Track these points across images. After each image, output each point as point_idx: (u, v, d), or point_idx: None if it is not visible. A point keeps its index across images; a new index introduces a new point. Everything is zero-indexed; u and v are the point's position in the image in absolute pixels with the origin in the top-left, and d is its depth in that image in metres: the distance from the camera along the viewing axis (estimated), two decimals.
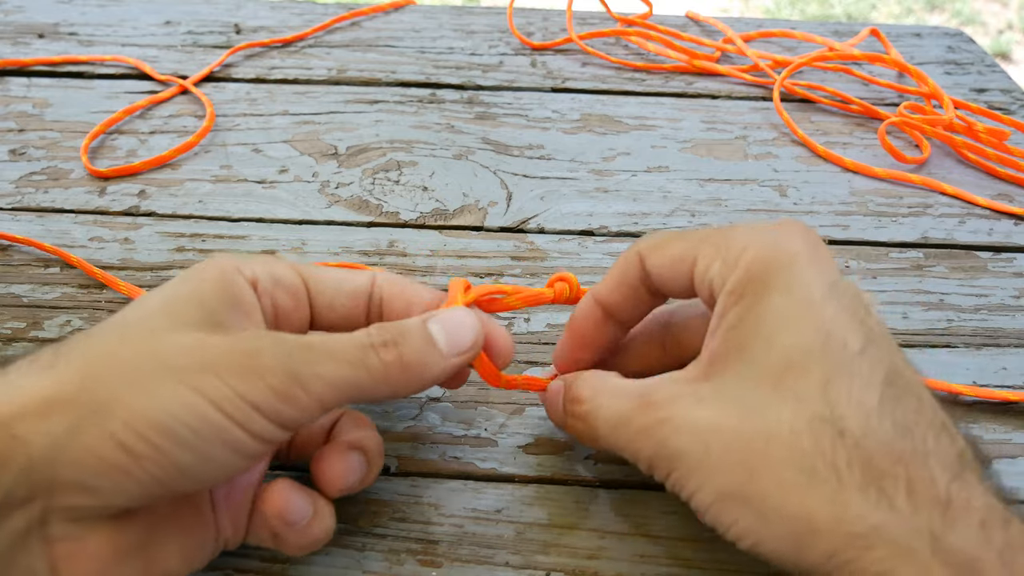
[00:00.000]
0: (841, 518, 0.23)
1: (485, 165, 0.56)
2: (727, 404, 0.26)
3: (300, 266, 0.32)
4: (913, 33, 0.75)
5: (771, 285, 0.27)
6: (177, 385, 0.24)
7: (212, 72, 0.65)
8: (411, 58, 0.68)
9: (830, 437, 0.24)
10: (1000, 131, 0.57)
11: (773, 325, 0.26)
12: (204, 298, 0.28)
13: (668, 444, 0.27)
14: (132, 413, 0.24)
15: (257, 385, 0.25)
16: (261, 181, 0.53)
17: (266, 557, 0.32)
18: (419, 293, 0.33)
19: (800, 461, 0.24)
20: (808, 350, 0.26)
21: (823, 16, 2.56)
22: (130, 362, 0.25)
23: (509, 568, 0.31)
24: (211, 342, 0.26)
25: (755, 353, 0.26)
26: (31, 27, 0.71)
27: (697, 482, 0.26)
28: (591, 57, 0.69)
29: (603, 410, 0.30)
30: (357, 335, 0.28)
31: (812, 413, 0.25)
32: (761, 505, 0.25)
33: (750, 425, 0.25)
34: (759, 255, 0.27)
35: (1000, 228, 0.51)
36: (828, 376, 0.25)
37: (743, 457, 0.25)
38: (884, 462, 0.24)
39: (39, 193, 0.52)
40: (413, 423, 0.37)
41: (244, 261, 0.30)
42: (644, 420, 0.28)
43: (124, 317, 0.27)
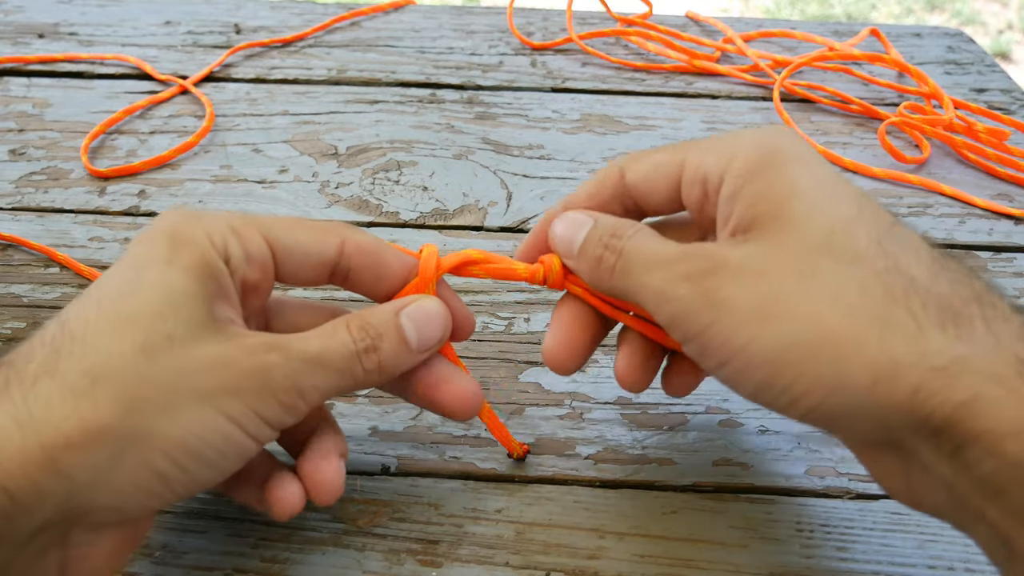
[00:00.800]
0: (924, 352, 0.23)
1: (485, 165, 0.56)
2: (778, 265, 0.26)
3: (267, 230, 0.30)
4: (913, 33, 0.75)
5: (785, 159, 0.27)
6: (205, 409, 0.26)
7: (212, 72, 0.65)
8: (411, 58, 0.69)
9: (902, 285, 0.24)
10: (1000, 131, 0.57)
11: (807, 197, 0.26)
12: (201, 293, 0.27)
13: (719, 289, 0.26)
14: (168, 441, 0.25)
15: (270, 402, 0.27)
16: (261, 181, 0.53)
17: (266, 557, 0.32)
18: (389, 265, 0.32)
19: (875, 309, 0.24)
20: (849, 217, 0.26)
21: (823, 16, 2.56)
22: (162, 387, 0.25)
23: (509, 568, 0.32)
24: (228, 358, 0.26)
25: (794, 219, 0.26)
26: (31, 27, 0.71)
27: (752, 332, 0.25)
28: (591, 57, 0.69)
29: (650, 246, 0.29)
30: (344, 341, 0.29)
31: (876, 268, 0.25)
32: (835, 352, 0.24)
33: (812, 283, 0.25)
34: (758, 139, 0.28)
35: (1000, 228, 0.51)
36: (879, 238, 0.25)
37: (810, 309, 0.24)
38: (956, 302, 0.24)
39: (39, 193, 0.52)
40: (413, 423, 0.37)
41: (215, 230, 0.29)
42: (694, 265, 0.27)
43: (130, 307, 0.26)
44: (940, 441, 0.23)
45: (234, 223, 0.29)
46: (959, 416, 0.22)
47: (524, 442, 0.36)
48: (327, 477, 0.30)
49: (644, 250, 0.29)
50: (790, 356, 0.24)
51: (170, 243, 0.28)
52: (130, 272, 0.27)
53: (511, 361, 0.40)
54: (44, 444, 0.23)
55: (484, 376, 0.39)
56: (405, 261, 0.32)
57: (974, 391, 0.22)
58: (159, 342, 0.26)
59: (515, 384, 0.39)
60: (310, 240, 0.30)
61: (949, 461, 0.23)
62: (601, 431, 0.37)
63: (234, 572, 0.31)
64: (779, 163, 0.27)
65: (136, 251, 0.28)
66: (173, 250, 0.28)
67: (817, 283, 0.25)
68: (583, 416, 0.38)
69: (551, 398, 0.38)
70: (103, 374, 0.25)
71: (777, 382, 0.25)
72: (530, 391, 0.39)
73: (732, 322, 0.25)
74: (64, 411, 0.24)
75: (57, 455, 0.23)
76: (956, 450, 0.23)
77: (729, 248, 0.27)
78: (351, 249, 0.31)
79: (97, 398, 0.24)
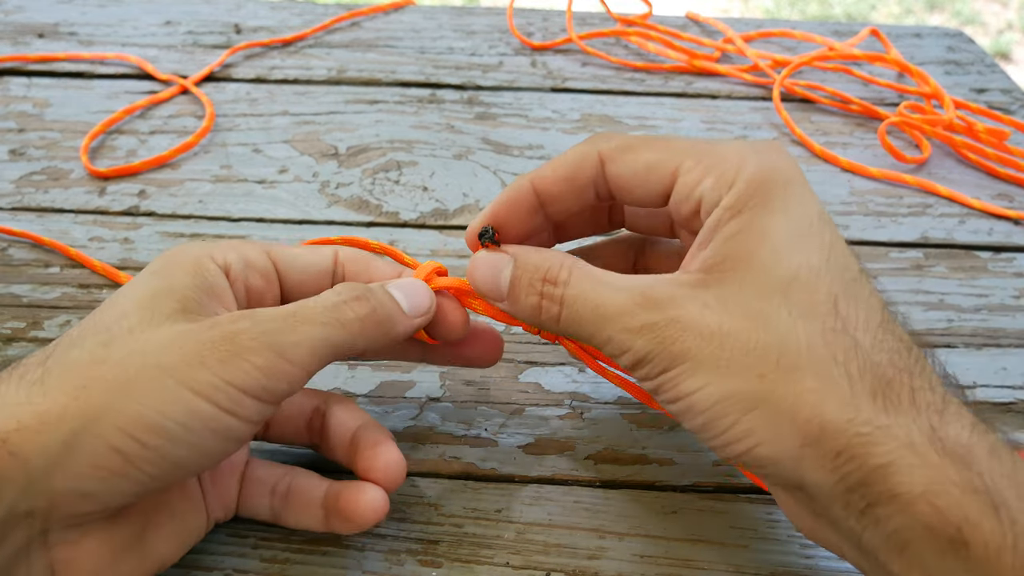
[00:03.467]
0: (852, 420, 0.24)
1: (485, 165, 0.56)
2: (736, 311, 0.26)
3: (269, 246, 0.32)
4: (913, 33, 0.75)
5: (771, 202, 0.27)
6: (165, 382, 0.25)
7: (212, 72, 0.65)
8: (411, 58, 0.68)
9: (844, 347, 0.25)
10: (1000, 131, 0.57)
11: (778, 240, 0.27)
12: (176, 288, 0.28)
13: (675, 343, 0.26)
14: (124, 418, 0.24)
15: (243, 367, 0.26)
16: (261, 181, 0.53)
17: (266, 557, 0.32)
18: (381, 269, 0.33)
19: (816, 368, 0.25)
20: (815, 268, 0.27)
21: (823, 16, 2.56)
22: (116, 366, 0.25)
23: (509, 568, 0.32)
24: (190, 332, 0.26)
25: (761, 265, 0.27)
26: (31, 27, 0.71)
27: (699, 383, 0.26)
28: (591, 57, 0.69)
29: (592, 296, 0.28)
30: (325, 295, 0.29)
31: (826, 325, 0.26)
32: (773, 408, 0.25)
33: (763, 333, 0.26)
34: (758, 172, 0.28)
35: (1000, 228, 0.51)
36: (836, 294, 0.26)
37: (755, 364, 0.26)
38: (890, 371, 0.25)
39: (39, 193, 0.52)
40: (413, 423, 0.37)
41: (214, 247, 0.30)
42: (648, 317, 0.27)
43: (101, 319, 0.27)
44: (852, 498, 0.25)
45: (236, 244, 0.31)
46: (873, 478, 0.24)
47: (524, 441, 0.36)
48: (392, 458, 0.30)
49: (590, 300, 0.28)
50: (729, 407, 0.26)
51: (163, 260, 0.29)
52: (120, 289, 0.29)
53: (511, 361, 0.40)
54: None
55: (484, 376, 0.39)
56: (396, 268, 0.33)
57: (891, 457, 0.24)
58: (120, 334, 0.26)
59: (515, 384, 0.39)
60: (307, 253, 0.32)
61: (859, 517, 0.25)
62: (601, 431, 0.37)
63: (234, 572, 0.31)
64: (766, 204, 0.27)
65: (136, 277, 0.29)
66: (161, 265, 0.29)
67: (767, 333, 0.26)
68: (583, 416, 0.38)
69: (551, 398, 0.38)
70: (58, 365, 0.25)
71: (714, 428, 0.26)
72: (530, 391, 0.39)
73: (685, 370, 0.27)
74: (17, 399, 0.24)
75: (10, 441, 0.23)
76: (867, 507, 0.24)
77: (688, 292, 0.27)
78: (344, 258, 0.33)
79: (48, 384, 0.25)
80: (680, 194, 0.29)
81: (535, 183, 0.31)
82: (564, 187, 0.31)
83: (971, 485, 0.23)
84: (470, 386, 0.39)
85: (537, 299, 0.29)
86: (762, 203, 0.27)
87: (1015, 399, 0.40)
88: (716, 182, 0.28)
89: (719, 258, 0.27)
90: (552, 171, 0.31)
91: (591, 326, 0.28)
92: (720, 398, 0.26)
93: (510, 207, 0.32)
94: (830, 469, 0.25)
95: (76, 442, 0.24)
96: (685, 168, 0.29)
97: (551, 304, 0.29)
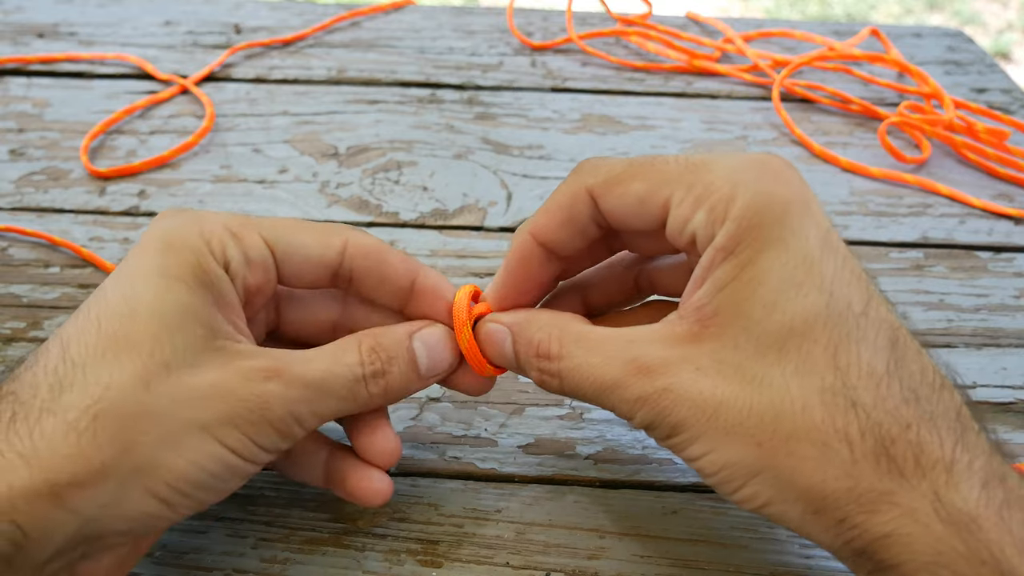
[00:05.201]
0: (853, 489, 0.24)
1: (485, 165, 0.56)
2: (730, 374, 0.26)
3: (267, 231, 0.30)
4: (913, 33, 0.75)
5: (766, 240, 0.26)
6: (204, 440, 0.26)
7: (212, 72, 0.65)
8: (411, 58, 0.68)
9: (843, 409, 0.24)
10: (1000, 131, 0.57)
11: (772, 287, 0.25)
12: (198, 308, 0.27)
13: (670, 414, 0.26)
14: (171, 474, 0.26)
15: (267, 431, 0.27)
16: (261, 181, 0.53)
17: (266, 557, 0.32)
18: (393, 268, 0.31)
19: (813, 435, 0.24)
20: (812, 315, 0.25)
21: (823, 16, 2.56)
22: (162, 422, 0.26)
23: (509, 568, 0.31)
24: (226, 388, 0.27)
25: (754, 318, 0.26)
26: (31, 27, 0.71)
27: (701, 450, 0.26)
28: (591, 57, 0.69)
29: (587, 370, 0.28)
30: (351, 364, 0.29)
31: (823, 385, 0.25)
32: (772, 477, 0.25)
33: (758, 399, 0.25)
34: (751, 206, 0.26)
35: (1000, 228, 0.51)
36: (836, 343, 0.25)
37: (752, 431, 0.25)
38: (894, 429, 0.24)
39: (39, 193, 0.52)
40: (413, 423, 0.37)
41: (212, 234, 0.28)
42: (641, 389, 0.27)
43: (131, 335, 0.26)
44: (860, 561, 0.25)
45: (232, 226, 0.29)
46: (877, 547, 0.24)
47: (524, 441, 0.36)
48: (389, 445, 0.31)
49: (586, 374, 0.28)
50: (734, 473, 0.26)
51: (165, 251, 0.28)
52: (127, 286, 0.27)
53: None
54: (50, 481, 0.24)
55: None
56: (409, 265, 0.31)
57: (892, 526, 0.24)
58: (157, 370, 0.26)
59: (515, 384, 0.39)
60: (311, 241, 0.30)
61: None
62: (601, 431, 0.37)
63: (234, 572, 0.31)
64: (760, 242, 0.26)
65: (132, 261, 0.28)
66: (168, 259, 0.27)
67: (762, 398, 0.25)
68: (583, 416, 0.38)
69: (551, 398, 0.38)
70: (103, 410, 0.25)
71: (725, 489, 0.27)
72: (530, 391, 0.39)
73: (686, 438, 0.27)
74: (68, 449, 0.24)
75: (63, 491, 0.24)
76: (874, 571, 0.25)
77: (680, 352, 0.27)
78: (353, 251, 0.30)
79: (98, 435, 0.25)
80: (674, 228, 0.28)
81: (535, 235, 0.30)
82: (566, 231, 0.30)
83: (978, 556, 0.23)
84: None
85: (538, 375, 0.30)
86: (754, 243, 0.26)
87: (1015, 399, 0.40)
88: (708, 216, 0.27)
89: (712, 310, 0.27)
90: (548, 218, 0.30)
91: (593, 397, 0.29)
92: (724, 465, 0.26)
93: (521, 266, 0.31)
94: (834, 535, 0.25)
95: (126, 494, 0.25)
96: (676, 200, 0.28)
97: (550, 379, 0.30)
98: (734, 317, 0.26)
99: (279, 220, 0.30)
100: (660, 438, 0.28)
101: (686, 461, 0.27)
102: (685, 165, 0.28)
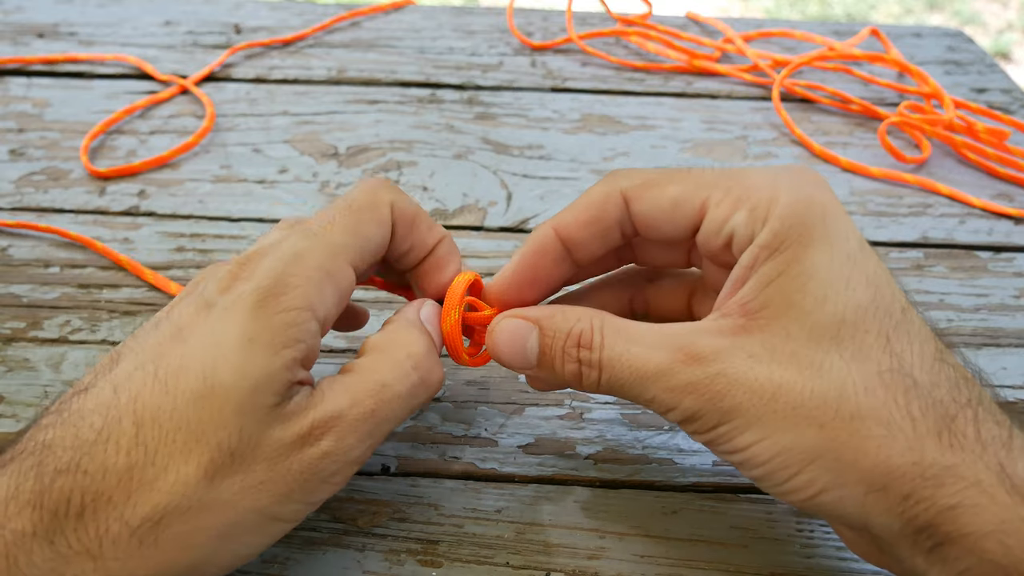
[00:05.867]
0: (918, 462, 0.24)
1: (485, 165, 0.56)
2: (785, 361, 0.26)
3: (354, 253, 0.30)
4: (913, 33, 0.75)
5: (810, 239, 0.26)
6: (263, 523, 0.27)
7: (212, 72, 0.65)
8: (411, 58, 0.68)
9: (903, 389, 0.25)
10: (1000, 131, 0.57)
11: (822, 281, 0.26)
12: (275, 377, 0.26)
13: (724, 400, 0.26)
14: (225, 557, 0.27)
15: (322, 489, 0.28)
16: (261, 181, 0.53)
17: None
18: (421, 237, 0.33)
19: (877, 413, 0.25)
20: (862, 306, 0.26)
21: (823, 16, 2.56)
22: (220, 514, 0.26)
23: (509, 568, 0.31)
24: (283, 470, 0.27)
25: (806, 310, 0.26)
26: (31, 27, 0.71)
27: (755, 437, 0.26)
28: (591, 57, 0.69)
29: (629, 359, 0.28)
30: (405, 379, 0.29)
31: (880, 368, 0.25)
32: (833, 459, 0.25)
33: (818, 382, 0.25)
34: (793, 206, 0.27)
35: (1000, 228, 0.51)
36: (886, 332, 0.26)
37: (813, 414, 0.25)
38: (952, 408, 0.25)
39: (39, 193, 0.52)
40: (413, 423, 0.37)
41: (313, 289, 0.28)
42: (692, 375, 0.26)
43: (203, 423, 0.26)
44: (919, 539, 0.25)
45: (327, 265, 0.28)
46: (942, 520, 0.24)
47: (524, 441, 0.36)
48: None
49: (629, 363, 0.28)
50: (790, 460, 0.26)
51: (259, 315, 0.26)
52: (208, 359, 0.26)
53: None
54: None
55: (484, 376, 0.39)
56: (435, 233, 0.32)
57: (959, 498, 0.24)
58: (223, 461, 0.25)
59: (515, 384, 0.39)
60: (375, 233, 0.31)
61: (926, 556, 0.25)
62: (601, 431, 0.37)
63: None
64: (804, 241, 0.26)
65: (221, 326, 0.26)
66: (259, 323, 0.26)
67: (822, 382, 0.25)
68: (583, 416, 0.38)
69: (551, 398, 0.38)
70: (168, 514, 0.25)
71: (775, 478, 0.26)
72: (530, 391, 0.39)
73: (738, 425, 0.26)
74: (132, 559, 0.25)
75: None
76: (935, 547, 0.24)
77: (731, 341, 0.27)
78: (396, 215, 0.31)
79: (160, 540, 0.25)
80: (710, 229, 0.28)
81: (558, 230, 0.30)
82: (590, 231, 0.30)
83: None
84: (470, 386, 0.39)
85: (576, 366, 0.29)
86: (800, 240, 0.26)
87: (1015, 399, 0.40)
88: (749, 216, 0.27)
89: (760, 303, 0.27)
90: (575, 216, 0.30)
91: (633, 388, 0.28)
92: (779, 451, 0.26)
93: (536, 259, 0.31)
94: (897, 513, 0.25)
95: None
96: (714, 201, 0.28)
97: (590, 370, 0.29)
98: (785, 308, 0.26)
99: (344, 221, 0.30)
100: (703, 429, 0.27)
101: (729, 454, 0.27)
102: (721, 172, 0.29)
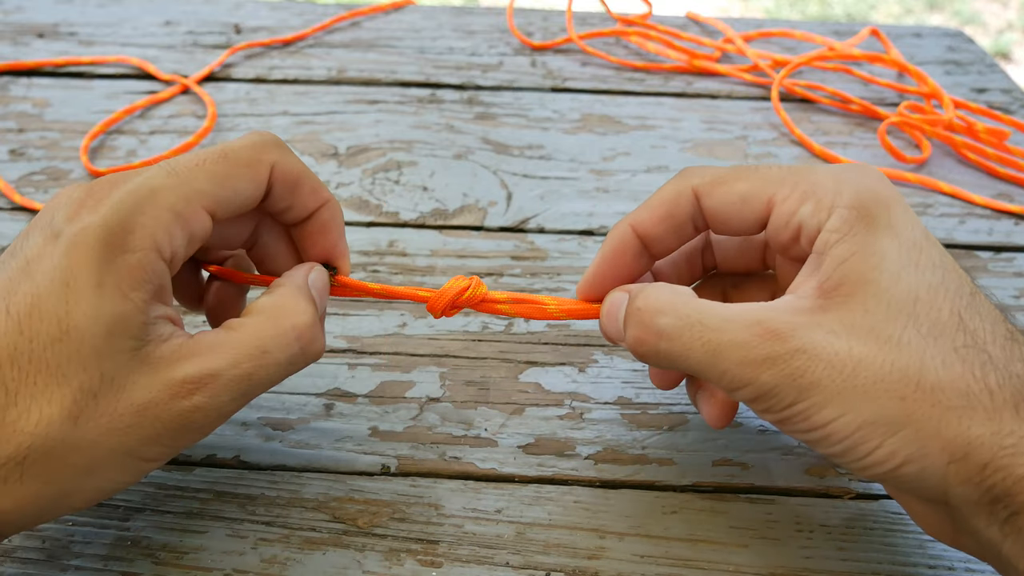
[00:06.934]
0: (997, 432, 0.25)
1: (485, 165, 0.56)
2: (864, 336, 0.26)
3: (209, 198, 0.29)
4: (913, 33, 0.75)
5: (878, 224, 0.28)
6: (128, 462, 0.27)
7: (212, 72, 0.65)
8: (411, 58, 0.68)
9: (980, 362, 0.26)
10: (1000, 131, 0.57)
11: (894, 261, 0.27)
12: (130, 319, 0.26)
13: (804, 375, 0.26)
14: (89, 493, 0.27)
15: (190, 437, 0.28)
16: None
17: (266, 557, 0.32)
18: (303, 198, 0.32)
19: (957, 384, 0.25)
20: (934, 286, 0.27)
21: (823, 16, 2.56)
22: (86, 451, 0.26)
23: (509, 568, 0.31)
24: (152, 411, 0.27)
25: (881, 287, 0.27)
26: (31, 27, 0.71)
27: (835, 412, 0.26)
28: (591, 57, 0.69)
29: (701, 331, 0.28)
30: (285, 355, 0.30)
31: (956, 343, 0.26)
32: (915, 431, 0.25)
33: (898, 355, 0.26)
34: (859, 196, 0.28)
35: (1000, 228, 0.51)
36: (959, 311, 0.27)
37: (895, 386, 0.26)
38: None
39: (39, 193, 0.52)
40: (413, 423, 0.37)
41: (159, 227, 0.27)
42: (771, 349, 0.27)
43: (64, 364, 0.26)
44: (995, 509, 0.25)
45: (179, 207, 0.28)
46: (1019, 488, 0.24)
47: (524, 441, 0.36)
48: None
49: (698, 335, 0.28)
50: (871, 433, 0.26)
51: (105, 256, 0.26)
52: (60, 303, 0.26)
53: (511, 361, 0.40)
54: None
55: (484, 376, 0.39)
56: (318, 197, 0.33)
57: None
58: (85, 402, 0.26)
59: (515, 384, 0.39)
60: (246, 187, 0.30)
61: (1001, 526, 0.25)
62: (601, 431, 0.37)
63: (234, 572, 0.31)
64: (873, 226, 0.28)
65: (66, 260, 0.26)
66: (106, 265, 0.26)
67: (901, 356, 0.26)
68: (583, 416, 0.38)
69: (551, 398, 0.38)
70: (31, 454, 0.25)
71: (855, 453, 0.26)
72: (530, 391, 0.39)
73: (817, 401, 0.26)
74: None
75: None
76: (1011, 516, 0.25)
77: (808, 319, 0.27)
78: (276, 176, 0.31)
79: (25, 478, 0.26)
80: (778, 221, 0.30)
81: (635, 227, 0.32)
82: (665, 226, 0.32)
83: None
84: (470, 386, 0.39)
85: (644, 333, 0.29)
86: (869, 225, 0.28)
87: None
88: (815, 207, 0.29)
89: (835, 282, 0.27)
90: (650, 213, 0.32)
91: (702, 361, 0.28)
92: (860, 425, 0.26)
93: (616, 256, 0.33)
94: (976, 483, 0.25)
95: (47, 513, 0.27)
96: (781, 196, 0.30)
97: (657, 339, 0.29)
98: (861, 285, 0.27)
99: (213, 167, 0.29)
100: (778, 407, 0.27)
101: (804, 432, 0.27)
102: (788, 169, 0.30)
